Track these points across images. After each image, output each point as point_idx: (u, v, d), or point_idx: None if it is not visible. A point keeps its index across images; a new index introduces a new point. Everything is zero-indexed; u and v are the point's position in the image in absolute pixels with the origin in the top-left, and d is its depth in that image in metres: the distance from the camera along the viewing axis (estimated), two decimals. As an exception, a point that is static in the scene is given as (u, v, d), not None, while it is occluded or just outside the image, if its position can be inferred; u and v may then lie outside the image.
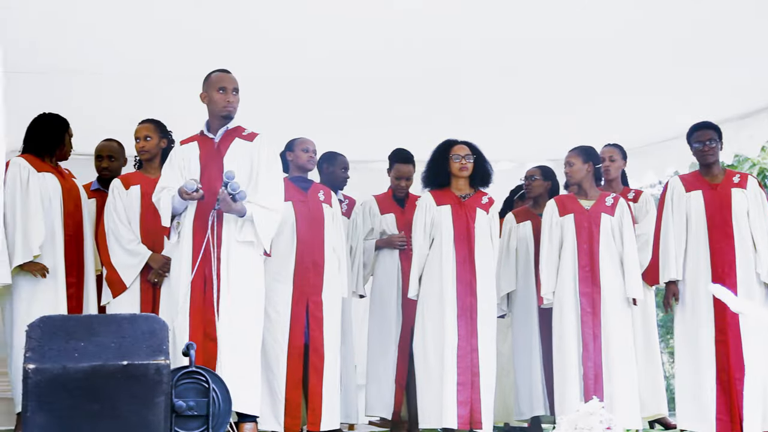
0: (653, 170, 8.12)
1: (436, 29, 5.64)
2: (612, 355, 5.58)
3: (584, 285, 5.65)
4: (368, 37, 5.68)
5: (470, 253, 5.69)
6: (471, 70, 6.27)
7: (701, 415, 5.52)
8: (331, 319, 5.68)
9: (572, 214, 5.76)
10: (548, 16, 5.52)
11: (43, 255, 5.33)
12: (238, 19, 5.49)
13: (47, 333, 3.71)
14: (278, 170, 5.23)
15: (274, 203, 5.03)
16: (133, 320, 3.86)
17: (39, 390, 3.57)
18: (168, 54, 5.94)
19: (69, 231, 5.50)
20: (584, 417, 3.74)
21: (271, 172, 5.09)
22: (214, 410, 4.17)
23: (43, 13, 5.24)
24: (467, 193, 5.82)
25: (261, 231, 4.96)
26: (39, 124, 5.56)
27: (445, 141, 5.89)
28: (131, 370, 3.65)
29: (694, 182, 5.77)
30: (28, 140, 5.54)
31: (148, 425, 3.63)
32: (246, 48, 5.76)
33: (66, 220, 5.49)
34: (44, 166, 5.49)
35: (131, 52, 5.91)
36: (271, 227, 5.03)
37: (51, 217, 5.41)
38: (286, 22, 5.52)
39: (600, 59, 6.08)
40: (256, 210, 4.95)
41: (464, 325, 5.61)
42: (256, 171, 5.05)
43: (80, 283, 5.53)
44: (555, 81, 6.46)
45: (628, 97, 6.75)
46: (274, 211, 5.02)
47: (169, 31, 5.60)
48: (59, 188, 5.49)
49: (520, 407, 6.25)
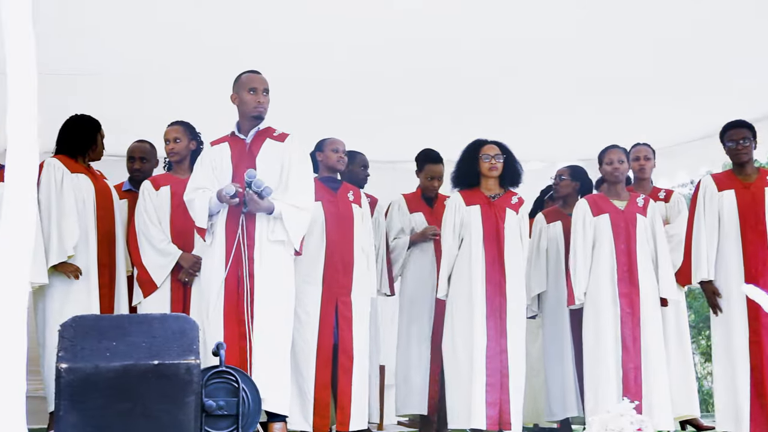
0: (685, 170, 8.05)
1: (471, 28, 5.60)
2: (649, 357, 5.54)
3: (623, 286, 5.60)
4: (396, 33, 5.64)
5: (500, 254, 5.66)
6: (503, 70, 6.24)
7: (736, 416, 5.48)
8: (360, 319, 5.68)
9: (607, 213, 5.71)
10: (581, 14, 5.48)
11: (77, 255, 5.37)
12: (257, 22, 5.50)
13: (80, 332, 3.74)
14: (309, 170, 5.24)
15: (304, 202, 5.05)
16: (164, 320, 3.88)
17: (71, 389, 3.60)
18: (193, 57, 5.96)
19: (102, 232, 5.54)
20: (615, 418, 3.72)
21: (301, 172, 5.11)
22: (243, 410, 4.19)
23: (72, 15, 5.28)
24: (497, 193, 5.80)
25: (291, 229, 4.97)
26: (71, 125, 5.61)
27: (475, 141, 5.87)
28: (162, 369, 3.67)
29: (726, 181, 5.71)
30: (61, 141, 5.59)
31: (178, 424, 3.65)
32: (262, 50, 5.75)
33: (99, 221, 5.53)
34: (77, 167, 5.54)
35: (161, 54, 5.93)
36: (301, 225, 5.04)
37: (84, 217, 5.46)
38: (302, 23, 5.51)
39: (631, 58, 6.03)
40: (285, 208, 4.96)
41: (494, 325, 5.58)
42: (287, 171, 5.06)
43: (112, 283, 5.57)
44: (587, 80, 6.42)
45: (659, 96, 6.70)
46: (304, 210, 5.04)
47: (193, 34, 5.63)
48: (92, 189, 5.53)
49: (551, 408, 6.22)
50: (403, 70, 6.18)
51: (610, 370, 5.51)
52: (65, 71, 5.88)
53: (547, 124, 7.36)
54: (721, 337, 5.61)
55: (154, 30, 5.56)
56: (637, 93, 6.64)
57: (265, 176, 4.96)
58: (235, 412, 4.18)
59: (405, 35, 5.67)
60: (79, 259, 5.39)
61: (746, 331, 5.48)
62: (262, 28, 5.58)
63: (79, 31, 5.50)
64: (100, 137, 5.65)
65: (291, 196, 5.01)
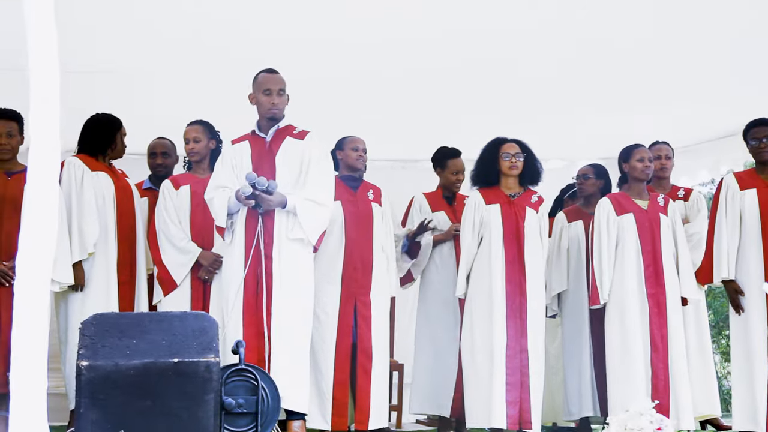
0: (707, 169, 8.01)
1: (487, 25, 5.58)
2: (673, 357, 5.52)
3: (650, 286, 5.57)
4: (409, 30, 5.61)
5: (519, 253, 5.64)
6: (521, 67, 6.21)
7: (753, 416, 5.45)
8: (380, 318, 5.68)
9: (631, 213, 5.68)
10: (602, 14, 5.46)
11: (97, 254, 5.40)
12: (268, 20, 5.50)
13: (100, 330, 3.77)
14: (328, 167, 5.23)
15: (321, 198, 5.04)
16: (184, 318, 3.90)
17: (92, 386, 3.62)
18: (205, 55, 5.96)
19: (122, 230, 5.56)
20: (634, 417, 3.70)
21: (319, 168, 5.10)
22: (262, 408, 4.20)
23: (90, 12, 5.29)
24: (517, 192, 5.78)
25: (306, 223, 4.96)
26: (92, 124, 5.64)
27: (495, 139, 5.85)
28: (182, 367, 3.69)
29: (749, 180, 5.67)
30: (82, 140, 5.63)
31: (198, 422, 3.67)
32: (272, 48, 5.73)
33: (119, 219, 5.55)
34: (98, 165, 5.56)
35: (182, 52, 5.95)
36: (317, 221, 5.03)
37: (104, 216, 5.48)
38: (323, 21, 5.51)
39: (652, 56, 6.00)
40: (299, 202, 4.96)
41: (513, 324, 5.57)
42: (306, 168, 5.07)
43: (132, 281, 5.58)
44: (607, 79, 6.38)
45: (681, 94, 6.66)
46: (321, 206, 5.03)
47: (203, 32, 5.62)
48: (113, 187, 5.56)
49: (569, 407, 6.20)
50: (418, 68, 6.16)
51: (638, 370, 5.48)
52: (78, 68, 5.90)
53: (567, 123, 7.33)
54: (740, 336, 5.58)
55: (166, 28, 5.56)
56: (658, 91, 6.60)
57: (285, 174, 4.98)
58: (255, 410, 4.19)
59: (419, 33, 5.65)
60: (98, 257, 5.41)
61: (765, 329, 5.44)
62: (273, 26, 5.56)
63: (91, 28, 5.50)
64: (121, 136, 5.66)
65: (308, 192, 5.01)
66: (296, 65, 5.18)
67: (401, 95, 6.65)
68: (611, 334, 5.62)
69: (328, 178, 5.16)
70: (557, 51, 5.97)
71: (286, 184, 5.04)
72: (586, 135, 7.67)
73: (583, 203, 6.43)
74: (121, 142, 5.68)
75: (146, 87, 6.50)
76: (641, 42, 5.81)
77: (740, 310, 5.58)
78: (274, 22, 5.51)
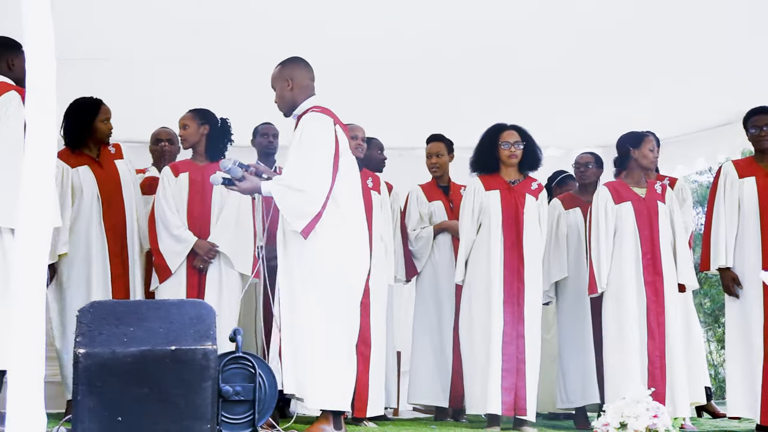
0: (704, 157, 8.00)
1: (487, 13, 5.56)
2: (670, 344, 5.52)
3: (648, 274, 5.57)
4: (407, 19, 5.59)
5: (518, 239, 5.65)
6: (520, 56, 6.20)
7: (749, 403, 5.47)
8: (378, 306, 5.68)
9: (629, 201, 5.68)
10: (600, 3, 5.45)
11: (89, 247, 5.38)
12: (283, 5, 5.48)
13: (97, 318, 3.76)
14: (310, 148, 4.68)
15: (297, 183, 4.60)
16: (181, 306, 3.90)
17: (89, 374, 3.62)
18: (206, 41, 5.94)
19: (110, 221, 5.53)
20: (631, 405, 3.71)
21: (301, 150, 4.69)
22: (260, 395, 4.20)
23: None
24: (516, 179, 5.78)
25: (284, 209, 4.61)
26: (68, 115, 5.55)
27: (494, 126, 5.84)
28: (179, 355, 3.69)
29: (747, 168, 5.68)
30: (64, 133, 5.55)
31: (195, 409, 3.66)
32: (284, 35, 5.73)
33: (105, 210, 5.52)
34: (79, 159, 5.51)
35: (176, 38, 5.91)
36: (295, 206, 4.60)
37: (89, 211, 5.47)
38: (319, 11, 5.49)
39: (650, 44, 5.99)
40: (273, 187, 4.64)
41: (511, 311, 5.57)
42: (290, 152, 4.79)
43: (125, 272, 5.56)
44: (604, 67, 6.37)
45: (678, 82, 6.65)
46: (301, 191, 4.59)
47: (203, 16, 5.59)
48: (95, 181, 5.50)
49: (567, 395, 6.20)
50: (416, 57, 6.13)
51: (635, 358, 5.49)
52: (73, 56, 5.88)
53: (564, 111, 7.32)
54: (736, 323, 5.60)
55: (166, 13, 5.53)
56: (656, 79, 6.60)
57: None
58: (252, 397, 4.19)
59: (417, 22, 5.64)
60: (93, 251, 5.38)
61: (762, 318, 5.45)
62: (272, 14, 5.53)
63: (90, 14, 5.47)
64: (100, 121, 5.56)
65: (284, 176, 4.69)
66: (295, 53, 5.14)
67: (398, 84, 6.63)
68: (608, 322, 5.62)
69: (309, 162, 4.65)
70: (555, 40, 5.96)
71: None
72: (583, 123, 7.67)
73: (579, 190, 6.45)
74: (103, 125, 5.58)
75: (147, 74, 6.46)
76: (639, 31, 5.80)
77: (733, 294, 5.59)
78: (274, 9, 5.49)
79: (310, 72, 4.90)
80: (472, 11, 5.52)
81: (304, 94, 4.84)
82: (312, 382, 4.57)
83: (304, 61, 4.91)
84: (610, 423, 3.70)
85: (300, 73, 4.86)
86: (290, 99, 4.84)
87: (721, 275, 5.66)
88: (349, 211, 4.74)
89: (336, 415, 4.64)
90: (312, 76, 4.91)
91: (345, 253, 4.69)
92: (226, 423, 4.14)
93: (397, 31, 5.75)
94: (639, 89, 6.79)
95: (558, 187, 6.82)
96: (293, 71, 4.85)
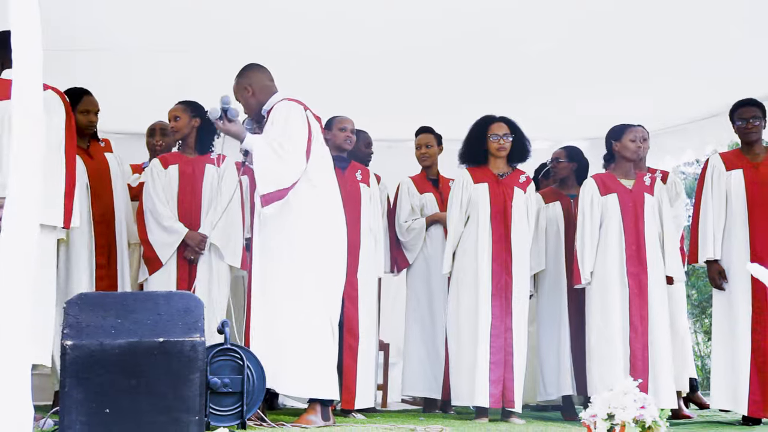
0: (692, 149, 8.02)
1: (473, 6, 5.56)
2: (655, 336, 5.54)
3: (631, 265, 5.58)
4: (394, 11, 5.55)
5: (507, 232, 5.66)
6: (508, 48, 6.19)
7: (735, 395, 5.48)
8: (367, 298, 5.69)
9: (615, 193, 5.69)
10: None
11: (75, 237, 5.34)
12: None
13: (85, 310, 3.75)
14: (285, 129, 4.66)
15: (283, 151, 4.58)
16: (169, 298, 3.89)
17: (76, 366, 3.60)
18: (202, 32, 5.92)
19: (98, 212, 5.50)
20: (618, 396, 3.72)
21: (277, 129, 4.65)
22: (248, 387, 4.20)
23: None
24: (505, 172, 5.79)
25: (259, 170, 4.56)
26: None
27: (483, 117, 5.84)
28: (167, 346, 3.68)
29: (734, 161, 5.69)
30: None
31: (183, 401, 3.66)
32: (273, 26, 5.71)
33: (93, 201, 5.49)
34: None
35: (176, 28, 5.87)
36: (271, 171, 4.56)
37: (78, 199, 5.44)
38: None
39: (636, 36, 5.99)
40: (257, 143, 4.60)
41: (498, 304, 5.59)
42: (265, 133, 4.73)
43: (112, 263, 5.54)
44: (593, 58, 6.37)
45: (666, 74, 6.65)
46: (280, 158, 4.57)
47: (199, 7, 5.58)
48: (84, 171, 5.49)
49: (545, 387, 6.22)
50: (404, 48, 6.11)
51: (617, 350, 5.50)
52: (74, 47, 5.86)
53: (553, 104, 7.32)
54: (723, 315, 5.61)
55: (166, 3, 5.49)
56: (643, 71, 6.60)
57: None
58: (240, 389, 4.19)
59: (404, 14, 5.60)
60: (77, 240, 5.33)
61: (749, 310, 5.47)
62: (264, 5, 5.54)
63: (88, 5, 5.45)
64: (79, 112, 5.49)
65: (268, 140, 4.62)
66: (285, 44, 5.13)
67: (387, 75, 6.62)
68: (592, 314, 5.64)
69: (285, 138, 4.63)
70: (544, 32, 5.95)
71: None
72: (572, 116, 7.67)
73: (559, 185, 6.48)
74: (83, 117, 5.52)
75: (146, 65, 6.42)
76: (628, 23, 5.79)
77: (720, 287, 5.60)
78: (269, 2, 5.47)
79: (266, 73, 4.96)
80: (458, 2, 5.50)
81: (267, 94, 4.90)
82: (290, 369, 4.56)
83: (258, 65, 4.96)
84: (597, 414, 3.71)
85: (257, 77, 4.92)
86: (255, 104, 4.91)
87: (708, 268, 5.68)
88: (325, 195, 4.77)
89: (324, 405, 4.64)
90: (270, 76, 4.96)
91: (322, 237, 4.71)
92: (214, 415, 4.14)
93: (385, 24, 5.73)
94: (628, 81, 6.79)
95: (544, 179, 6.84)
96: (250, 78, 4.91)
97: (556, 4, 5.54)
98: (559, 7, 5.58)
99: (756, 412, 5.41)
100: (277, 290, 4.63)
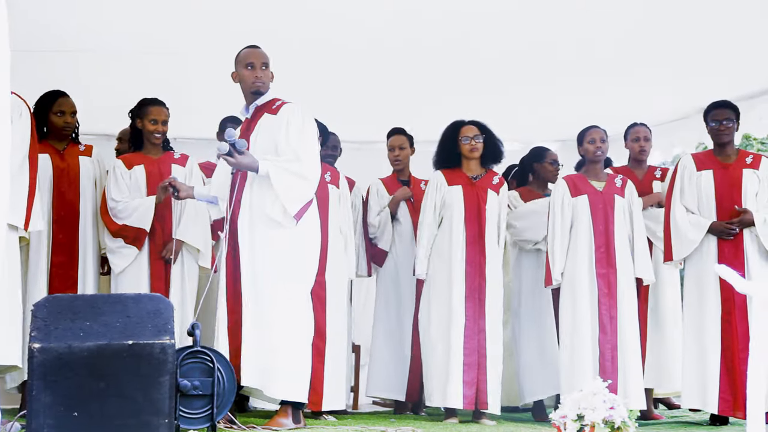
0: (660, 150, 8.07)
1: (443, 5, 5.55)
2: (623, 337, 5.57)
3: (600, 266, 5.61)
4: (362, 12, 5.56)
5: (480, 234, 5.69)
6: (480, 49, 6.20)
7: (705, 394, 5.52)
8: (337, 300, 5.66)
9: (585, 195, 5.72)
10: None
11: (32, 236, 5.23)
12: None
13: (53, 312, 3.72)
14: (309, 138, 4.80)
15: (299, 167, 4.67)
16: (139, 300, 3.87)
17: (44, 369, 3.58)
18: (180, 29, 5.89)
19: (59, 211, 5.47)
20: (587, 397, 3.74)
21: (299, 139, 4.74)
22: (218, 390, 4.18)
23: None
24: (478, 174, 5.82)
25: (280, 191, 4.62)
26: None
27: (454, 122, 5.89)
28: (136, 349, 3.66)
29: (705, 161, 5.74)
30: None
31: (153, 404, 3.64)
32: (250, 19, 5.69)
33: (55, 200, 5.46)
34: (41, 148, 5.31)
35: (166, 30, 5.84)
36: (293, 189, 4.66)
37: (40, 201, 5.40)
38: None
39: (609, 38, 6.01)
40: (271, 168, 4.64)
41: (472, 306, 5.61)
42: (280, 140, 4.76)
43: (72, 263, 5.49)
44: (565, 61, 6.39)
45: (635, 77, 6.69)
46: (298, 175, 4.67)
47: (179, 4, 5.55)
48: (50, 169, 5.44)
49: (532, 387, 6.18)
50: (373, 50, 6.11)
51: (586, 351, 5.53)
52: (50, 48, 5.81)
53: (525, 104, 7.34)
54: (693, 316, 5.64)
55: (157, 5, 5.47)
56: (614, 74, 6.63)
57: (259, 155, 4.72)
58: (210, 392, 4.17)
59: (373, 15, 5.61)
60: (33, 239, 5.27)
61: (719, 311, 5.51)
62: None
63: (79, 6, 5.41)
64: (53, 113, 5.49)
65: (281, 160, 4.68)
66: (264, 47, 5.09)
67: (356, 77, 6.62)
68: (564, 315, 5.68)
69: (308, 150, 4.75)
70: (513, 33, 5.96)
71: None
72: (543, 117, 7.70)
73: (537, 186, 6.52)
74: (57, 118, 5.51)
75: (136, 67, 6.39)
76: (600, 24, 5.81)
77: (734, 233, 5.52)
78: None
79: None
80: (430, 3, 5.52)
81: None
82: (277, 372, 4.61)
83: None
84: (567, 415, 3.72)
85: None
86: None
87: (711, 230, 5.56)
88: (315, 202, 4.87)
89: (295, 408, 4.64)
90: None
91: (314, 243, 4.84)
92: (184, 417, 4.11)
93: (354, 25, 5.73)
94: (596, 83, 6.82)
95: (513, 179, 6.86)
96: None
97: (525, 7, 5.56)
98: (528, 10, 5.59)
99: (726, 411, 5.45)
100: (266, 293, 4.68)
